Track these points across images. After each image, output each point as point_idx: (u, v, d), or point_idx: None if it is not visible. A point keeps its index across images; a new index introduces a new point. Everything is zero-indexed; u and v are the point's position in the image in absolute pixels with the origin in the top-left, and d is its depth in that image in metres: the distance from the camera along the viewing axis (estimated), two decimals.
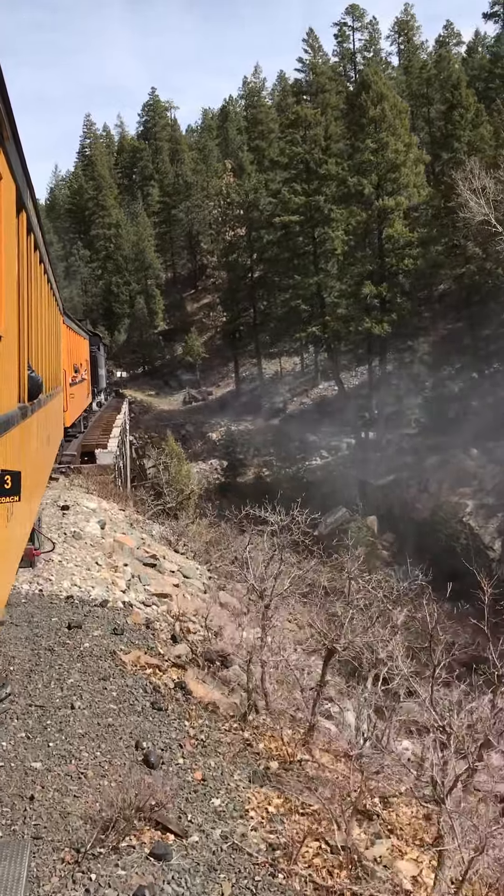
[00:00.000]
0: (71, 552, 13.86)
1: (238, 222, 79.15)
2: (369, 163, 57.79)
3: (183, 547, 19.76)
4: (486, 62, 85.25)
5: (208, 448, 73.84)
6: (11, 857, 4.25)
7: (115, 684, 8.44)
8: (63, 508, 16.83)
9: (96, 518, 16.75)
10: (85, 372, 31.92)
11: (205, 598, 16.21)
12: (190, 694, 8.77)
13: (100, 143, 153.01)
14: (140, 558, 15.89)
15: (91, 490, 20.96)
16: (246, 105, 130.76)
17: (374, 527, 55.21)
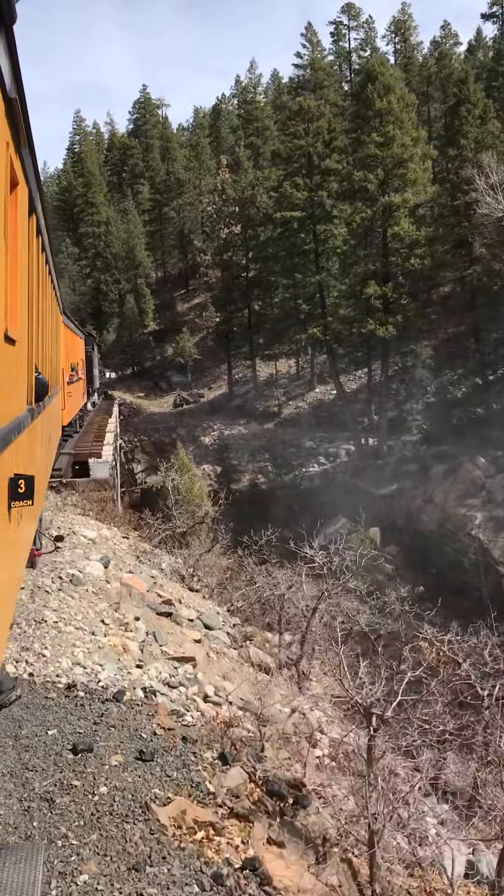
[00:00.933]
0: (69, 606, 10.63)
1: (233, 219, 75.97)
2: (375, 157, 54.75)
3: (197, 582, 16.56)
4: (488, 60, 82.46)
5: (200, 453, 70.54)
6: (26, 860, 4.09)
7: (155, 878, 5.21)
8: (57, 540, 13.58)
9: (97, 553, 13.53)
10: (81, 371, 31.39)
11: (233, 657, 12.99)
12: (269, 884, 5.53)
13: (90, 140, 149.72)
14: (153, 605, 12.69)
15: (87, 511, 17.73)
16: (240, 102, 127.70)
17: (377, 539, 52.16)
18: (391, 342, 57.81)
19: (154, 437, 76.02)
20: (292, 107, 60.32)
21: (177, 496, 25.17)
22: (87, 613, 10.61)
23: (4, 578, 4.84)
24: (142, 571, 13.93)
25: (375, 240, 61.48)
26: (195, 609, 14.22)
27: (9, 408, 5.30)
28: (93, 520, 16.85)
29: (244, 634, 15.23)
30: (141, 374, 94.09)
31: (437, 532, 50.46)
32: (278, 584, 17.92)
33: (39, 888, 4.02)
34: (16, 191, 5.47)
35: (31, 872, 4.04)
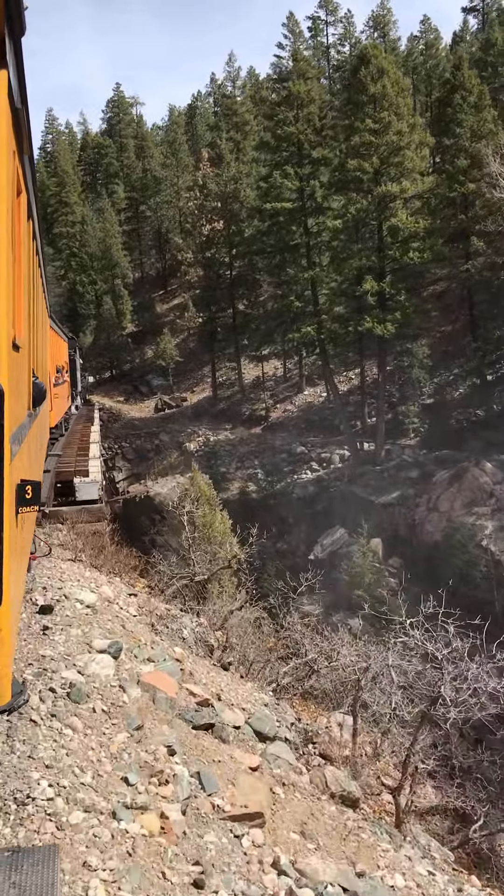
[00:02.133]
0: (70, 751, 6.56)
1: (216, 215, 71.79)
2: (369, 145, 50.92)
3: (230, 655, 12.44)
4: (476, 51, 78.98)
5: (185, 460, 66.27)
6: (44, 862, 4.01)
7: None
8: (42, 612, 9.46)
9: (101, 630, 9.42)
10: (66, 373, 30.96)
11: (305, 788, 8.91)
12: None
13: (62, 140, 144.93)
14: (187, 715, 8.61)
15: (78, 553, 13.58)
16: (217, 98, 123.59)
17: (379, 551, 48.36)
18: (388, 341, 54.05)
19: (136, 444, 71.77)
20: (280, 92, 56.26)
21: (193, 533, 20.69)
22: (100, 764, 6.51)
23: (13, 583, 4.73)
24: (164, 657, 9.78)
25: (367, 233, 57.76)
26: (239, 707, 10.12)
27: (18, 414, 5.38)
28: (87, 568, 12.72)
29: (306, 733, 11.17)
30: (120, 378, 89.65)
31: (443, 543, 46.68)
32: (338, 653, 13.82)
33: (58, 890, 3.83)
34: (20, 198, 5.62)
35: (49, 875, 3.86)
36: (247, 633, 14.55)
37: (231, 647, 12.36)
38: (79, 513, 16.62)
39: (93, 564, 13.11)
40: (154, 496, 61.24)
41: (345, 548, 50.15)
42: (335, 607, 47.07)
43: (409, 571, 48.64)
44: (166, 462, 67.51)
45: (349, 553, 48.97)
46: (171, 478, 63.64)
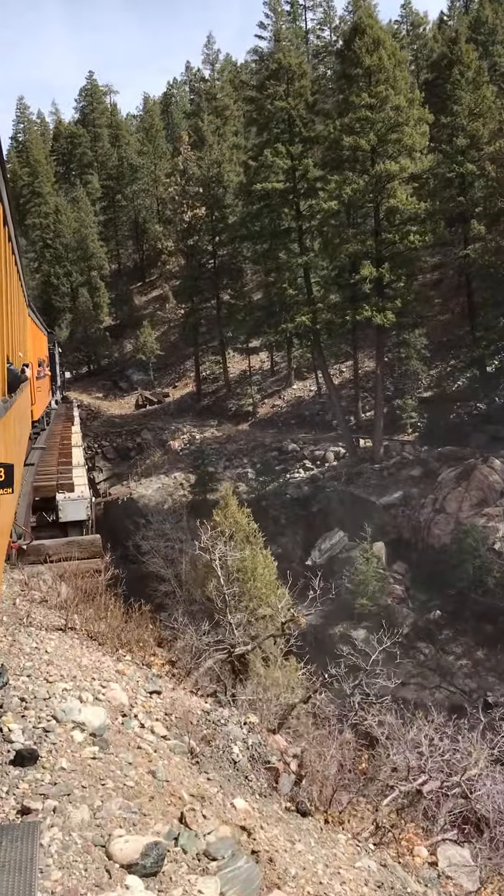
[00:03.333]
0: None
1: (198, 201, 67.53)
2: (365, 121, 46.99)
3: (305, 785, 8.41)
4: (464, 30, 75.22)
5: (170, 459, 62.22)
6: (23, 838, 3.98)
7: None
8: (20, 763, 5.42)
9: (120, 797, 5.35)
10: (47, 367, 30.33)
11: None
12: None
13: (34, 130, 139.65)
14: None
15: (70, 616, 9.56)
16: (193, 85, 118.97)
17: (382, 555, 44.60)
18: (386, 331, 50.34)
19: (116, 443, 67.53)
20: (270, 65, 52.11)
21: (230, 586, 16.32)
22: None
23: None
24: (229, 850, 5.74)
25: (360, 217, 53.91)
26: None
27: None
28: (83, 644, 8.72)
29: None
30: (98, 373, 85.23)
31: (452, 547, 43.02)
32: None
33: (37, 865, 3.85)
34: None
35: (29, 850, 3.87)
36: (317, 739, 10.55)
37: (303, 765, 8.46)
38: (67, 547, 12.59)
39: (90, 634, 9.12)
40: (138, 498, 57.10)
41: (345, 552, 46.36)
42: (336, 617, 43.28)
43: (415, 577, 45.13)
44: (150, 461, 63.35)
45: (350, 558, 45.16)
46: (156, 478, 59.53)
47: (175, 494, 57.30)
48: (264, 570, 21.94)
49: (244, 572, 20.19)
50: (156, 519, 53.77)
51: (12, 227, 9.89)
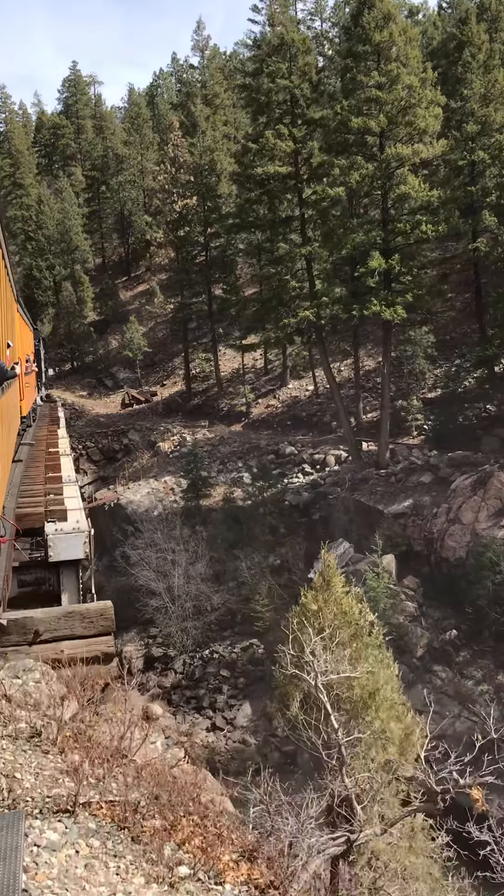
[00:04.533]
0: None
1: (189, 190, 63.47)
2: (375, 101, 43.20)
3: None
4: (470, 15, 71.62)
5: (160, 461, 58.19)
6: (8, 827, 3.95)
7: None
8: None
9: None
10: (34, 364, 29.94)
11: None
12: None
13: (15, 121, 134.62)
14: None
15: (82, 785, 5.53)
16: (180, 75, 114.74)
17: (392, 569, 40.83)
18: (393, 327, 46.69)
19: (102, 444, 63.34)
20: (273, 41, 48.05)
21: (342, 730, 11.21)
22: None
23: None
24: None
25: (363, 206, 50.24)
26: None
27: None
28: (105, 844, 4.74)
29: None
30: (82, 371, 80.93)
31: (468, 560, 39.36)
32: None
33: (22, 854, 3.80)
34: None
35: (13, 839, 3.82)
36: None
37: None
38: (66, 622, 8.66)
39: (117, 819, 5.19)
40: (126, 504, 53.04)
41: (351, 565, 42.56)
42: None
43: (428, 593, 41.44)
44: (137, 464, 59.28)
45: (357, 572, 41.32)
46: (145, 482, 55.47)
47: (165, 500, 53.32)
48: (386, 685, 14.82)
49: (355, 693, 13.85)
50: (146, 527, 49.80)
51: None
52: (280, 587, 45.65)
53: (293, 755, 38.20)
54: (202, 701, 41.68)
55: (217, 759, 38.64)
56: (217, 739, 39.71)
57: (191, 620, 44.04)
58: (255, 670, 42.86)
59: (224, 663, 43.32)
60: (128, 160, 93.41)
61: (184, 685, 43.04)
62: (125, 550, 48.03)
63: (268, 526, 47.84)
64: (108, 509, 52.90)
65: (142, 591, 44.87)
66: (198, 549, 45.96)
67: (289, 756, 38.39)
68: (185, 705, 42.00)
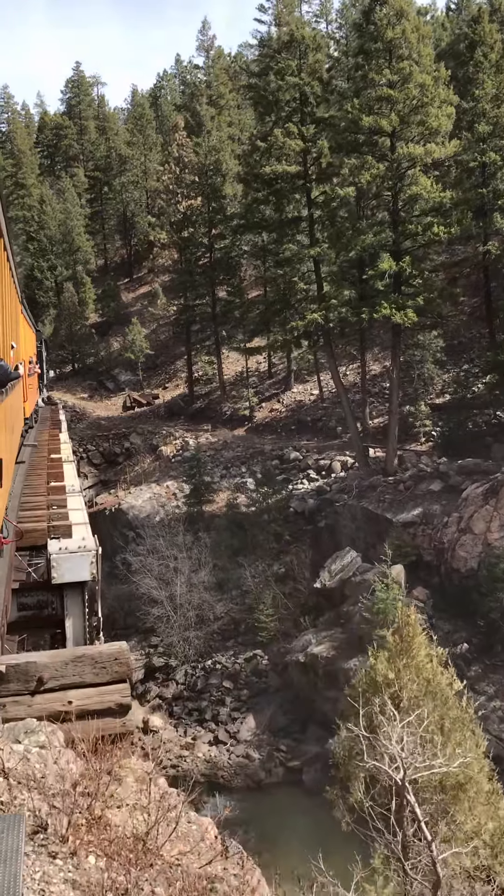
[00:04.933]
0: None
1: (194, 191, 62.27)
2: (386, 100, 42.04)
3: None
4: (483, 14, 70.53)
5: (161, 466, 56.95)
6: (8, 830, 3.91)
7: None
8: None
9: None
10: (37, 365, 29.83)
11: None
12: None
13: (18, 121, 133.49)
14: None
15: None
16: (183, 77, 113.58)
17: (402, 580, 39.49)
18: (403, 331, 45.52)
19: (103, 447, 62.06)
20: (282, 37, 46.84)
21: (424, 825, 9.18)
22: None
23: None
24: None
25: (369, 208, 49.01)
26: None
27: None
28: None
29: None
30: (83, 373, 79.64)
31: (480, 572, 38.11)
32: None
33: (22, 857, 3.78)
34: None
35: (14, 842, 3.79)
36: None
37: None
38: (74, 668, 7.37)
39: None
40: (127, 509, 51.77)
41: (358, 575, 41.29)
42: (349, 649, 38.23)
43: (437, 605, 40.17)
44: (139, 468, 58.06)
45: (365, 583, 40.10)
46: (146, 487, 54.20)
47: (168, 505, 52.04)
48: (479, 773, 12.55)
49: (441, 781, 11.24)
50: (148, 533, 48.53)
51: (3, 223, 9.75)
52: (285, 596, 44.39)
53: (299, 771, 36.92)
54: (204, 713, 40.39)
55: (220, 775, 37.36)
56: (220, 753, 38.39)
57: (193, 630, 42.76)
58: (259, 682, 41.58)
59: (227, 674, 42.01)
60: (131, 161, 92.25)
61: (185, 696, 41.74)
62: (126, 557, 46.74)
63: (272, 533, 46.56)
64: (109, 514, 51.65)
65: (143, 599, 43.62)
66: (201, 556, 44.70)
67: (294, 772, 37.10)
68: (187, 717, 40.70)
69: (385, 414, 56.13)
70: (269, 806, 35.33)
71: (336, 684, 38.13)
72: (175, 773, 37.58)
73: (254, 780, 36.77)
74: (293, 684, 40.46)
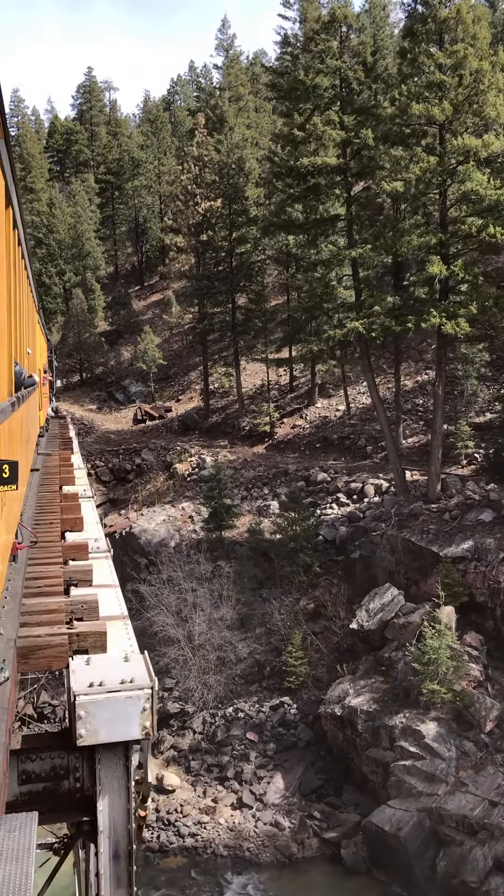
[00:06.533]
0: None
1: (214, 191, 57.44)
2: (438, 87, 37.21)
3: None
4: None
5: (176, 485, 51.83)
6: (21, 828, 3.82)
7: None
8: None
9: None
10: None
11: None
12: None
13: (28, 125, 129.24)
14: None
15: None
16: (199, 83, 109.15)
17: (452, 622, 34.31)
18: (450, 342, 40.64)
19: (112, 463, 57.00)
20: (323, 18, 41.98)
21: None
22: None
23: None
24: None
25: (409, 207, 44.10)
26: None
27: None
28: None
29: None
30: (91, 383, 74.67)
31: None
32: None
33: (34, 854, 3.67)
34: None
35: (26, 839, 3.70)
36: None
37: None
38: None
39: None
40: (139, 533, 46.61)
41: (402, 616, 36.07)
42: (395, 703, 32.97)
43: (493, 653, 34.95)
44: (151, 487, 52.98)
45: (410, 625, 34.95)
46: (160, 508, 49.08)
47: (183, 530, 46.91)
48: None
49: None
50: (161, 559, 43.38)
51: (22, 231, 9.66)
52: (315, 636, 39.16)
53: (336, 844, 31.64)
54: (226, 770, 35.04)
55: (246, 847, 32.01)
56: (245, 820, 33.06)
57: (213, 674, 37.52)
58: (287, 735, 36.24)
59: (251, 724, 36.66)
60: (144, 164, 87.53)
61: (204, 749, 36.38)
62: (138, 587, 41.47)
63: (301, 564, 41.37)
64: (120, 538, 46.51)
65: (157, 637, 38.38)
66: (222, 590, 39.50)
67: (331, 845, 31.81)
68: (206, 774, 35.35)
69: (419, 433, 51.22)
70: (303, 886, 30.10)
71: (378, 743, 32.91)
72: (194, 842, 32.43)
73: (284, 854, 31.43)
74: (326, 738, 35.19)
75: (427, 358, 54.67)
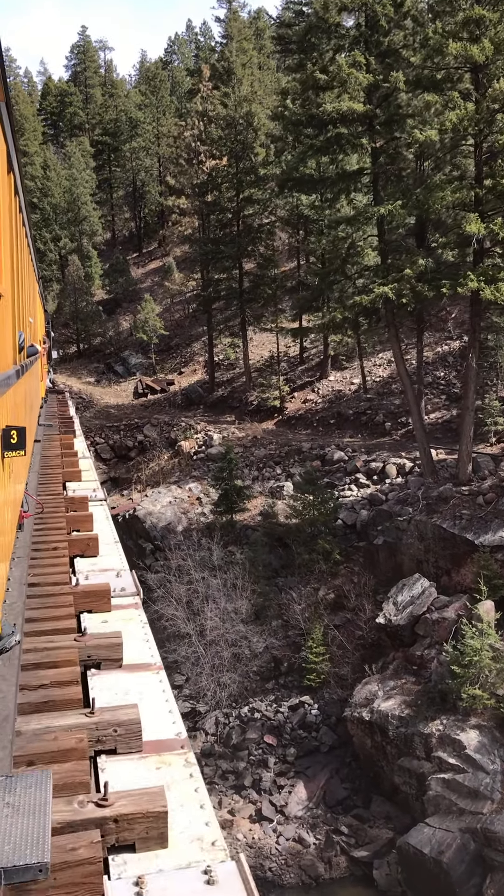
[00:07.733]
0: None
1: (220, 149, 53.03)
2: (477, 23, 32.93)
3: None
4: None
5: (182, 464, 48.12)
6: (37, 784, 3.96)
7: None
8: None
9: None
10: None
11: None
12: None
13: (20, 87, 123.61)
14: None
15: None
16: (198, 41, 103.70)
17: (491, 618, 30.78)
18: (483, 310, 36.80)
19: (113, 440, 53.19)
20: None
21: None
22: None
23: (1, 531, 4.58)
24: None
25: (432, 163, 39.94)
26: None
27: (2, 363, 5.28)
28: None
29: None
30: (89, 354, 70.59)
31: None
32: None
33: (50, 809, 3.83)
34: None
35: (42, 795, 3.85)
36: None
37: None
38: None
39: None
40: (144, 516, 42.94)
41: (434, 611, 32.56)
42: (429, 708, 29.55)
43: None
44: (155, 465, 49.25)
45: (444, 621, 31.46)
46: (165, 489, 45.40)
47: (191, 512, 43.30)
48: None
49: None
50: (168, 544, 39.78)
51: (23, 198, 9.48)
52: (336, 629, 35.71)
53: (367, 864, 28.45)
54: (243, 778, 31.69)
55: (268, 867, 28.79)
56: (265, 835, 29.79)
57: (227, 672, 34.09)
58: (308, 738, 32.91)
59: (268, 727, 33.28)
60: (142, 125, 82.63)
61: (218, 753, 33.03)
62: (144, 575, 37.88)
63: (320, 551, 37.78)
64: (124, 521, 42.87)
65: (166, 632, 34.89)
66: (236, 579, 35.93)
67: (361, 864, 28.63)
68: (221, 782, 32.01)
69: (441, 408, 47.57)
70: None
71: (411, 751, 29.57)
72: None
73: (310, 875, 28.13)
74: (351, 743, 31.85)
75: (448, 328, 50.84)
